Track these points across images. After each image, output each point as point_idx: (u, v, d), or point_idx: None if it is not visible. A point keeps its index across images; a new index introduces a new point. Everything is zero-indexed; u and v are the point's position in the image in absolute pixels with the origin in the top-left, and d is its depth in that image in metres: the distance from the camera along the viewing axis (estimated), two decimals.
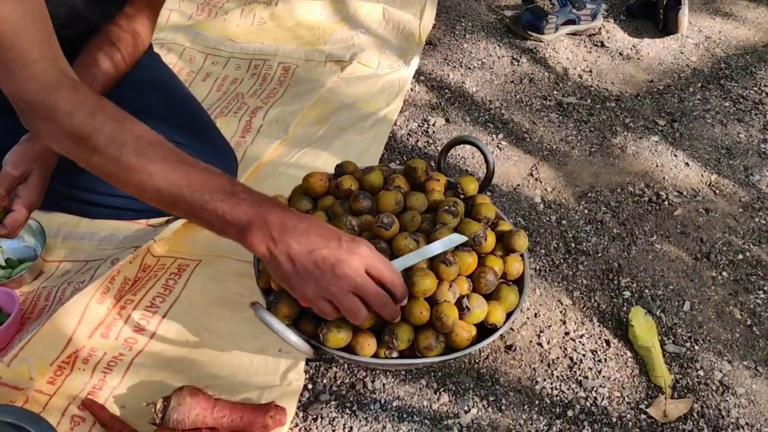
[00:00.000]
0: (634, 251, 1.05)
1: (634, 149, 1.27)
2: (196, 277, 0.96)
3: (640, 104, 1.40)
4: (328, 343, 0.71)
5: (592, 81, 1.47)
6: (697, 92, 1.44)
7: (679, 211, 1.13)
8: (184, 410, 0.74)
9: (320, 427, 0.79)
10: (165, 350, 0.87)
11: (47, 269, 0.98)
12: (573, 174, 1.21)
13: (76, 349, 0.85)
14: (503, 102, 1.40)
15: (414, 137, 1.29)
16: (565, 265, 1.02)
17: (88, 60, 0.92)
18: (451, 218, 0.80)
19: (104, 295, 0.89)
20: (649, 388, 0.85)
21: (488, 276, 0.77)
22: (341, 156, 1.19)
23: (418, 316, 0.72)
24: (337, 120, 1.30)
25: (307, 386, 0.84)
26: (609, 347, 0.90)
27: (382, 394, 0.83)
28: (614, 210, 1.13)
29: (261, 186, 1.12)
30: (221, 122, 1.25)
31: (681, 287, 0.99)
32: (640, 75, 1.50)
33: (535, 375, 0.86)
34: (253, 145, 1.20)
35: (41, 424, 0.69)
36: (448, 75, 1.48)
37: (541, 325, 0.93)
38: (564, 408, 0.82)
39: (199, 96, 1.26)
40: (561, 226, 1.09)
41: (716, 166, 1.23)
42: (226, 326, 0.90)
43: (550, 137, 1.30)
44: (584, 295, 0.97)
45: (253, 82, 1.40)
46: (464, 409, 0.82)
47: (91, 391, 0.81)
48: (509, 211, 1.11)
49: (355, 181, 0.86)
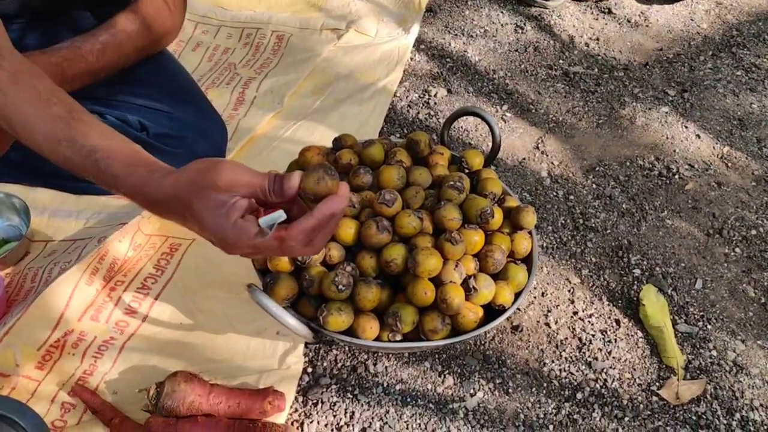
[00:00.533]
0: (644, 227, 1.01)
1: (643, 121, 1.22)
2: (189, 257, 0.92)
3: (649, 74, 1.35)
4: (328, 326, 0.68)
5: (599, 49, 1.41)
6: (708, 61, 1.39)
7: (690, 185, 1.09)
8: (178, 397, 0.70)
9: (321, 412, 0.76)
10: (158, 333, 0.83)
11: (33, 249, 0.93)
12: (580, 147, 1.16)
13: (65, 333, 0.81)
14: (507, 71, 1.34)
15: (414, 109, 1.24)
16: (573, 242, 0.98)
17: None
18: (456, 194, 0.76)
19: (93, 276, 0.85)
20: (660, 369, 0.82)
21: (496, 255, 0.73)
22: (339, 129, 1.14)
23: (423, 297, 0.68)
24: (334, 91, 1.25)
25: (307, 370, 0.80)
26: (619, 327, 0.87)
27: (384, 378, 0.80)
28: (623, 184, 1.08)
29: (254, 161, 1.08)
30: (213, 94, 1.19)
31: (693, 264, 0.95)
32: (648, 43, 1.44)
33: (542, 356, 0.83)
34: (246, 118, 1.15)
35: (27, 414, 0.65)
36: (449, 43, 1.42)
37: (549, 304, 0.89)
38: (573, 390, 0.79)
39: (189, 67, 1.21)
40: (568, 202, 1.05)
41: (728, 138, 1.19)
42: (222, 308, 0.86)
43: (556, 108, 1.25)
44: (593, 273, 0.94)
45: (245, 52, 1.33)
46: (470, 393, 0.79)
47: (81, 376, 0.78)
48: (514, 186, 1.07)
49: (355, 155, 0.82)
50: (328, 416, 0.76)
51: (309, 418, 0.76)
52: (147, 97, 0.94)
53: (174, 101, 0.95)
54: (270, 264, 0.71)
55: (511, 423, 0.76)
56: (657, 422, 0.76)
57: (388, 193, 0.73)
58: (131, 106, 0.93)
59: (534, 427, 0.75)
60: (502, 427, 0.75)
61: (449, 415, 0.76)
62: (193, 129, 0.96)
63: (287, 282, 0.70)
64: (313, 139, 1.12)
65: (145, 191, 0.55)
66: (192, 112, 0.97)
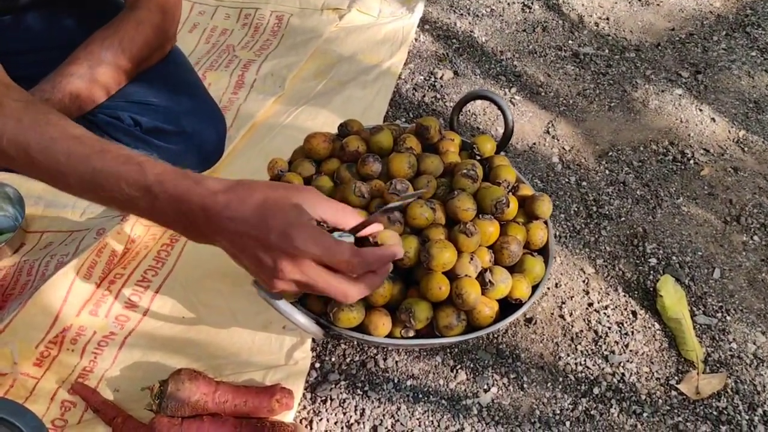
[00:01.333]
0: (659, 215, 0.98)
1: (656, 103, 1.18)
2: (190, 248, 0.88)
3: (662, 54, 1.31)
4: (339, 322, 0.65)
5: (609, 29, 1.37)
6: (722, 41, 1.34)
7: (706, 170, 1.05)
8: (183, 396, 0.68)
9: (330, 409, 0.74)
10: (159, 328, 0.81)
11: (29, 240, 0.90)
12: (592, 131, 1.13)
13: (63, 329, 0.79)
14: (515, 53, 1.30)
15: (420, 92, 1.20)
16: (587, 231, 0.95)
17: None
18: (470, 183, 0.73)
19: (91, 269, 0.82)
20: (679, 362, 0.79)
21: (512, 246, 0.70)
22: (343, 113, 1.11)
23: (437, 292, 0.66)
24: (336, 74, 1.20)
25: (315, 365, 0.78)
26: (636, 319, 0.84)
27: (395, 373, 0.77)
28: (637, 170, 1.05)
29: (257, 148, 1.04)
30: (211, 77, 1.15)
31: (710, 253, 0.92)
32: (660, 23, 1.40)
33: (557, 350, 0.80)
34: (246, 102, 1.11)
35: (26, 415, 0.62)
36: (455, 23, 1.37)
37: (563, 296, 0.87)
38: (590, 385, 0.77)
39: (186, 49, 1.16)
40: (581, 188, 1.02)
41: (744, 121, 1.15)
42: (225, 301, 0.83)
43: (566, 91, 1.21)
44: (608, 263, 0.91)
45: (244, 33, 1.29)
46: (483, 388, 0.76)
47: (81, 373, 0.75)
48: (525, 173, 1.04)
49: (362, 142, 0.78)
50: (338, 414, 0.74)
51: (318, 416, 0.73)
52: (139, 93, 0.90)
53: (170, 93, 0.90)
54: None
55: (526, 419, 0.74)
56: (677, 418, 0.74)
57: (400, 183, 0.70)
58: (123, 103, 0.89)
59: (550, 423, 0.73)
60: (518, 424, 0.73)
61: (462, 412, 0.74)
62: (190, 123, 0.92)
63: None
64: (316, 124, 1.08)
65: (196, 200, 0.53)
66: (189, 104, 0.93)
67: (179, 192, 0.53)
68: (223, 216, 0.52)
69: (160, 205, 0.54)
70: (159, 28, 0.88)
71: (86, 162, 0.55)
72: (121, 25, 0.85)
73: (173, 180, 0.54)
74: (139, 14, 0.86)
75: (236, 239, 0.53)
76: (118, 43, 0.84)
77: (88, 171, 0.55)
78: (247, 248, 0.53)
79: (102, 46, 0.83)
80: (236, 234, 0.53)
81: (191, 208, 0.53)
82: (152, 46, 0.89)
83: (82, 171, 0.55)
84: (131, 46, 0.85)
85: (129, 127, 0.89)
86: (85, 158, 0.55)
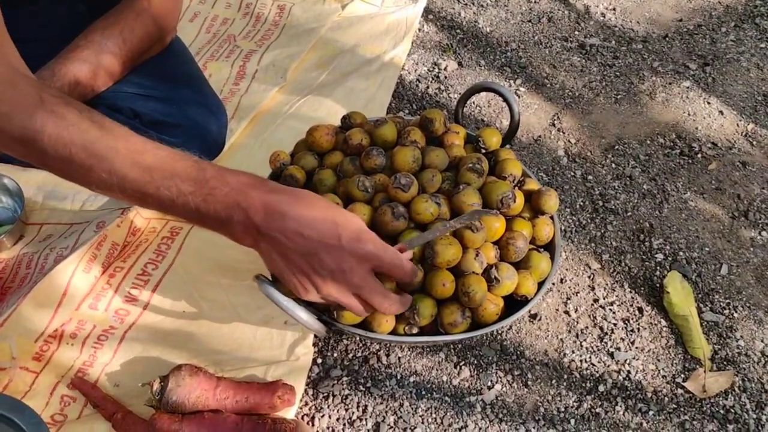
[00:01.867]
0: (666, 209, 0.96)
1: (663, 96, 1.17)
2: (190, 242, 0.87)
3: (669, 46, 1.29)
4: (342, 319, 0.64)
5: (616, 20, 1.35)
6: (731, 32, 1.32)
7: (714, 164, 1.04)
8: (183, 392, 0.67)
9: (332, 405, 0.73)
10: (160, 322, 0.80)
11: (28, 233, 0.89)
12: (598, 124, 1.11)
13: (63, 323, 0.78)
14: (520, 43, 1.28)
15: (424, 83, 1.18)
16: (593, 226, 0.94)
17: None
18: (475, 177, 0.71)
19: (91, 263, 0.81)
20: (686, 360, 0.78)
21: (518, 242, 0.69)
22: (345, 104, 1.09)
23: (442, 289, 0.64)
24: (339, 64, 1.19)
25: (317, 361, 0.77)
26: (642, 315, 0.83)
27: (398, 369, 0.76)
28: (644, 164, 1.04)
29: (259, 139, 1.03)
30: (212, 67, 1.14)
31: (717, 249, 0.91)
32: (668, 13, 1.38)
33: (562, 347, 0.79)
34: (248, 94, 1.09)
35: (25, 411, 0.62)
36: (459, 13, 1.35)
37: (568, 291, 0.86)
38: (595, 382, 0.76)
39: (187, 39, 1.14)
40: (587, 182, 1.00)
41: (753, 115, 1.13)
42: (227, 296, 0.82)
43: (572, 83, 1.19)
44: (614, 259, 0.90)
45: (245, 23, 1.27)
46: (487, 385, 0.75)
47: (81, 368, 0.75)
48: (530, 166, 1.02)
49: (366, 134, 0.77)
50: (340, 410, 0.73)
51: (320, 412, 0.73)
52: (139, 84, 0.88)
53: (170, 84, 0.89)
54: None
55: (531, 417, 0.73)
56: (683, 416, 0.73)
57: (404, 177, 0.68)
58: (123, 95, 0.87)
59: (555, 421, 0.72)
60: (522, 422, 0.72)
61: (466, 409, 0.73)
62: (191, 115, 0.90)
63: None
64: (318, 115, 1.07)
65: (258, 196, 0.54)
66: (189, 96, 0.91)
67: (241, 186, 0.54)
68: (289, 215, 0.53)
69: (213, 201, 0.54)
70: (160, 18, 0.86)
71: (137, 157, 0.54)
72: (121, 15, 0.83)
73: (234, 175, 0.54)
74: (140, 4, 0.84)
75: (295, 239, 0.53)
76: (119, 33, 0.82)
77: (136, 167, 0.54)
78: (305, 249, 0.53)
79: (103, 35, 0.82)
80: (297, 234, 0.53)
81: (252, 203, 0.53)
82: (153, 36, 0.87)
83: (128, 167, 0.54)
84: (132, 36, 0.84)
85: (128, 119, 0.87)
86: (135, 154, 0.54)
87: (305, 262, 0.54)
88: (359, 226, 0.57)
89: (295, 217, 0.53)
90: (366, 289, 0.56)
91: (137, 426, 0.68)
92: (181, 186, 0.54)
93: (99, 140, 0.54)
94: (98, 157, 0.54)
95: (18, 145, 0.56)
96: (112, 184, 0.55)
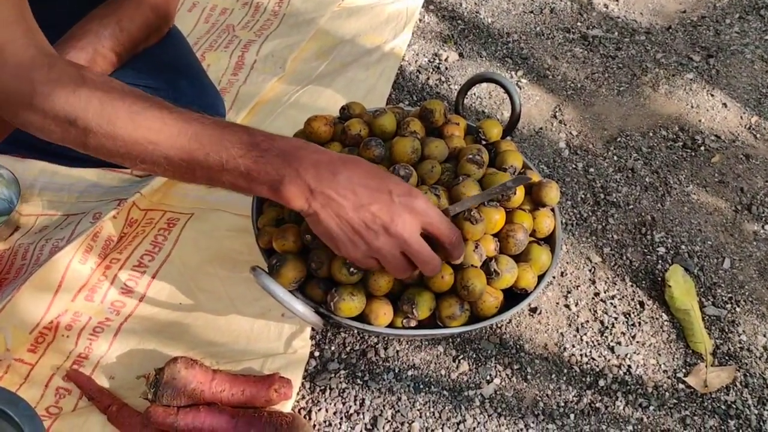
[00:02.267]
0: (668, 202, 0.95)
1: (666, 88, 1.15)
2: (187, 233, 0.86)
3: (672, 38, 1.27)
4: (339, 312, 0.63)
5: (618, 11, 1.33)
6: (735, 24, 1.31)
7: (717, 157, 1.03)
8: (179, 384, 0.66)
9: (329, 399, 0.72)
10: (156, 314, 0.79)
11: (24, 223, 0.88)
12: (600, 116, 1.10)
13: (58, 314, 0.77)
14: (522, 34, 1.27)
15: (424, 74, 1.17)
16: (594, 218, 0.93)
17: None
18: (475, 168, 0.70)
19: (87, 254, 0.81)
20: (687, 354, 0.78)
21: (518, 235, 0.68)
22: (345, 95, 1.08)
23: (440, 281, 0.64)
24: (339, 54, 1.17)
25: (314, 354, 0.76)
26: (643, 309, 0.82)
27: (395, 363, 0.76)
28: (646, 156, 1.03)
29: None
30: (211, 58, 1.12)
31: (720, 243, 0.90)
32: (671, 4, 1.36)
33: (562, 341, 0.79)
34: (247, 84, 1.08)
35: (19, 404, 0.61)
36: (460, 3, 1.33)
37: (569, 285, 0.85)
38: (595, 377, 0.75)
39: (185, 29, 1.13)
40: (588, 175, 0.99)
41: (756, 107, 1.12)
42: (223, 287, 0.81)
43: (574, 74, 1.18)
44: (615, 252, 0.89)
45: (244, 13, 1.25)
46: (486, 379, 0.75)
47: (76, 360, 0.74)
48: (531, 158, 1.01)
49: (365, 125, 0.76)
50: (337, 403, 0.72)
51: (317, 406, 0.72)
52: (136, 74, 0.87)
53: (167, 75, 0.87)
54: (276, 243, 0.66)
55: (530, 411, 0.72)
56: (684, 411, 0.73)
57: (403, 169, 0.67)
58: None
59: (554, 416, 0.72)
60: (521, 416, 0.72)
61: (464, 403, 0.72)
62: (188, 106, 0.88)
63: (295, 263, 0.65)
64: (318, 105, 1.06)
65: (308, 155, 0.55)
66: (187, 87, 0.90)
67: (290, 148, 0.54)
68: (340, 172, 0.54)
69: (263, 162, 0.54)
70: (159, 8, 0.85)
71: (183, 126, 0.54)
72: (120, 4, 0.82)
73: (282, 139, 0.55)
74: None
75: (348, 195, 0.54)
76: (117, 22, 0.81)
77: (183, 135, 0.54)
78: (358, 203, 0.54)
79: (101, 24, 0.80)
80: (349, 190, 0.54)
81: (303, 163, 0.54)
82: (151, 26, 0.86)
83: (176, 136, 0.54)
84: (130, 25, 0.82)
85: None
86: (182, 122, 0.54)
87: (357, 217, 0.54)
88: (407, 184, 0.57)
89: (346, 174, 0.54)
90: (415, 246, 0.56)
91: (132, 419, 0.68)
92: (231, 150, 0.54)
93: (144, 111, 0.54)
94: (145, 128, 0.54)
95: (57, 126, 0.56)
96: (157, 156, 0.55)
